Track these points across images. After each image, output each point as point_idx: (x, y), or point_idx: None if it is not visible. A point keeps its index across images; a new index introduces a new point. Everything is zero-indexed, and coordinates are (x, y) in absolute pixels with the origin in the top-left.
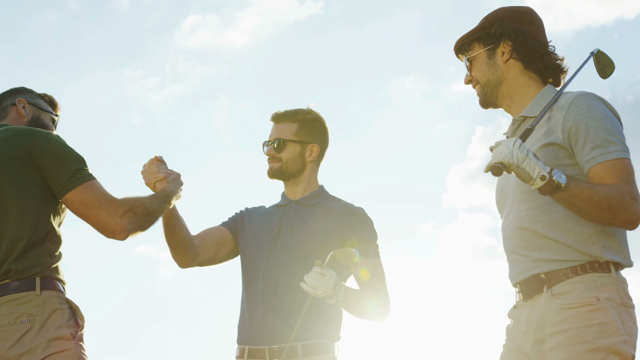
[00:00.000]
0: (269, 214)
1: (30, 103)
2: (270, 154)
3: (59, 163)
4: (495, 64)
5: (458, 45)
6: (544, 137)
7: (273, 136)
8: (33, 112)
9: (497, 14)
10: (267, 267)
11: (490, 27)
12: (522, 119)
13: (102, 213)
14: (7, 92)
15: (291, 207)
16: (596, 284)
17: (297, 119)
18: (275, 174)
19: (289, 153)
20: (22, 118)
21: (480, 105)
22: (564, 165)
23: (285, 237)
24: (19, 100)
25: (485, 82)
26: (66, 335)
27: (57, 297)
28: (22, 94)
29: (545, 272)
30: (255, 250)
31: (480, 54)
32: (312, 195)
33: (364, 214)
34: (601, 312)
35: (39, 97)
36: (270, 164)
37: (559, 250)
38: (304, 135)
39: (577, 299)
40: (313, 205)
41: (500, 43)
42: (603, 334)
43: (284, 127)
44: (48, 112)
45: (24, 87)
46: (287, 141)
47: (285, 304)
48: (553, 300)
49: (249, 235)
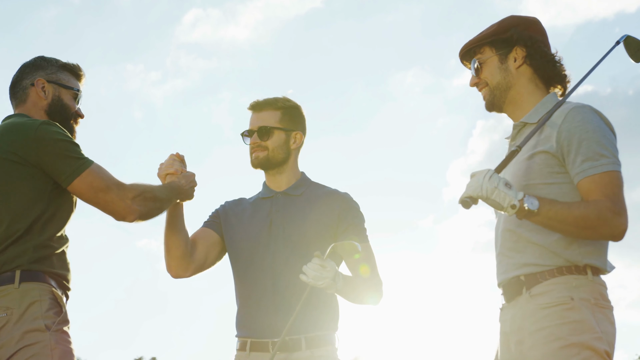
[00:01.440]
0: (256, 207)
1: (51, 81)
2: (255, 142)
3: (58, 153)
4: (507, 69)
5: (468, 48)
6: (540, 144)
7: (256, 124)
8: (53, 92)
9: (511, 20)
10: (264, 261)
11: (504, 32)
12: (522, 125)
13: (112, 197)
14: (26, 66)
15: (278, 198)
16: (571, 285)
17: (278, 106)
18: (262, 163)
19: (275, 141)
20: (42, 101)
21: (485, 108)
22: (556, 173)
23: (278, 230)
24: (38, 80)
25: (496, 85)
26: (40, 327)
27: (37, 289)
28: (42, 69)
29: (525, 274)
30: (249, 245)
31: (492, 57)
32: (297, 184)
33: (351, 199)
34: (575, 311)
35: (61, 70)
36: (255, 153)
37: (541, 254)
38: (288, 123)
39: (552, 299)
40: (299, 195)
41: (513, 49)
42: (577, 331)
43: (267, 115)
44: (69, 89)
45: (44, 59)
46: (272, 128)
47: (286, 296)
48: (531, 301)
49: (238, 230)
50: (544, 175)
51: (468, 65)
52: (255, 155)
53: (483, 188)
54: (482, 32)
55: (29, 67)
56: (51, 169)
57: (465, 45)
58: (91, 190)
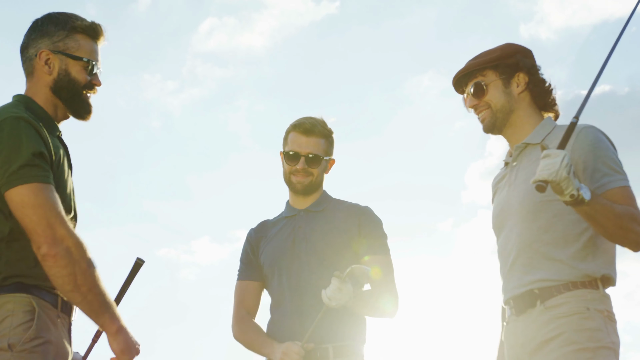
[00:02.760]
0: (280, 226)
1: (57, 51)
2: (303, 169)
3: (5, 156)
4: (510, 93)
5: (469, 70)
6: None
7: (305, 150)
8: (59, 65)
9: (512, 47)
10: (290, 275)
11: (508, 58)
12: (524, 146)
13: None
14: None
15: (300, 216)
16: (586, 298)
17: (323, 134)
18: (307, 189)
19: (320, 168)
20: (46, 77)
21: (484, 131)
22: None
23: (301, 245)
24: (42, 52)
25: (500, 108)
26: (4, 345)
27: (12, 302)
28: (47, 36)
29: (539, 287)
30: (276, 262)
31: (496, 81)
32: (318, 201)
33: (371, 212)
34: (591, 320)
35: (71, 34)
36: (299, 179)
37: (557, 269)
38: (329, 150)
39: (569, 309)
40: (321, 211)
41: (515, 75)
42: (593, 338)
43: (315, 142)
44: (79, 60)
45: (51, 20)
46: (322, 158)
47: (313, 307)
48: (546, 312)
49: (266, 251)
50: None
51: (461, 89)
52: (298, 181)
53: (559, 174)
54: (481, 56)
55: (36, 32)
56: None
57: (466, 68)
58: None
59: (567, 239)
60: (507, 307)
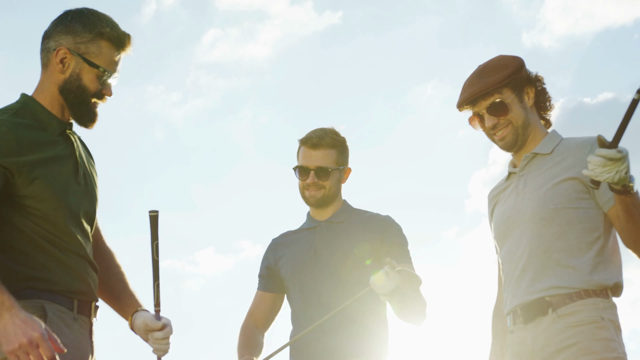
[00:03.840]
0: (301, 238)
1: (75, 52)
2: (313, 182)
3: None
4: (526, 108)
5: (488, 89)
6: (563, 171)
7: (313, 163)
8: (74, 67)
9: (518, 61)
10: (310, 288)
11: (518, 72)
12: (533, 155)
13: None
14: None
15: (321, 227)
16: (599, 307)
17: (334, 144)
18: (319, 203)
19: (332, 180)
20: (58, 75)
21: (505, 149)
22: (582, 199)
23: (322, 257)
24: (60, 50)
25: (521, 124)
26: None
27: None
28: (72, 34)
29: (550, 295)
30: (296, 274)
31: (514, 98)
32: (339, 212)
33: (392, 221)
34: (605, 330)
35: (97, 38)
36: (311, 192)
37: (570, 276)
38: (341, 160)
39: (584, 318)
40: (341, 222)
41: (524, 88)
42: (609, 348)
43: (323, 155)
44: (94, 67)
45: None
46: (332, 170)
47: (334, 323)
48: (559, 321)
49: (287, 263)
50: (572, 200)
51: (470, 108)
52: (310, 195)
53: (616, 177)
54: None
55: (62, 25)
56: None
57: (482, 88)
58: None
59: (580, 246)
60: (511, 315)
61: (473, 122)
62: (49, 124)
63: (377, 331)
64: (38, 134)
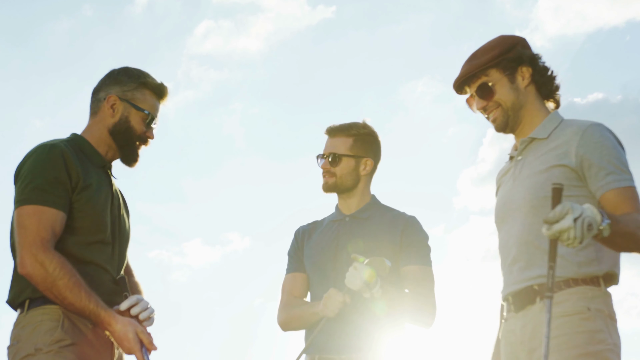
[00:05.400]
0: (326, 230)
1: (124, 99)
2: (325, 168)
3: (24, 176)
4: (517, 88)
5: (472, 72)
6: (555, 159)
7: (328, 150)
8: (123, 111)
9: (511, 40)
10: (329, 282)
11: (508, 52)
12: (530, 140)
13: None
14: (109, 75)
15: (345, 221)
16: (587, 296)
17: (351, 133)
18: (330, 188)
19: (344, 168)
20: (109, 119)
21: (497, 130)
22: (574, 186)
23: (343, 252)
24: (110, 97)
25: (510, 106)
26: (31, 351)
27: (41, 313)
28: (119, 84)
29: (539, 284)
30: (317, 267)
31: (502, 79)
32: (365, 207)
33: (416, 222)
34: (591, 321)
35: (140, 87)
36: (325, 179)
37: (558, 265)
38: (359, 150)
39: (569, 308)
40: (367, 218)
41: (518, 68)
42: (593, 340)
43: (338, 142)
44: (140, 111)
45: (127, 72)
46: (342, 156)
47: (353, 316)
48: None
49: (310, 254)
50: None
51: (465, 91)
52: (325, 181)
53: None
54: (480, 55)
55: (110, 79)
56: None
57: (467, 70)
58: (16, 224)
59: None
60: (505, 303)
61: (470, 103)
62: (92, 157)
63: (368, 328)
64: (84, 163)
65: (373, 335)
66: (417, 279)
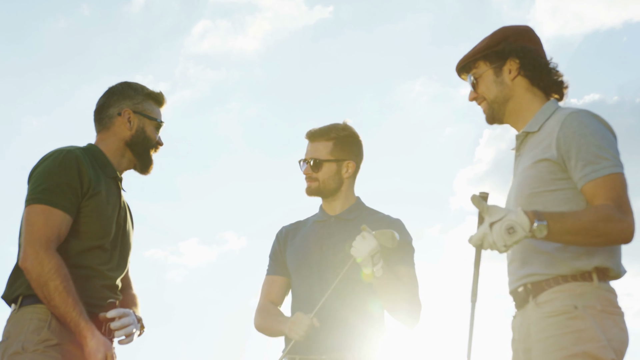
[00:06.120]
0: (310, 231)
1: (137, 112)
2: (308, 173)
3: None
4: (502, 82)
5: (462, 64)
6: (541, 152)
7: (309, 155)
8: (138, 123)
9: (502, 32)
10: (313, 282)
11: (496, 45)
12: (524, 135)
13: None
14: (113, 92)
15: (331, 222)
16: (575, 293)
17: (331, 136)
18: (313, 193)
19: (326, 173)
20: (126, 132)
21: (486, 122)
22: (559, 179)
23: (328, 252)
24: (125, 111)
25: (493, 99)
26: (18, 349)
27: (30, 312)
28: (129, 99)
29: (531, 282)
30: (301, 267)
31: (487, 71)
32: (350, 209)
33: (401, 224)
34: (578, 320)
35: (146, 99)
36: (308, 184)
37: (547, 262)
38: (340, 153)
39: (556, 307)
40: (352, 220)
41: (507, 61)
42: (580, 340)
43: (319, 146)
44: (153, 120)
45: (130, 87)
46: (323, 161)
47: (337, 318)
48: (537, 310)
49: (293, 253)
50: (547, 182)
51: (466, 78)
52: (307, 186)
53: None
54: (476, 46)
55: (116, 95)
56: None
57: (460, 61)
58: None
59: None
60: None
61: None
62: (105, 167)
63: (359, 327)
64: (96, 171)
65: (356, 336)
66: (406, 279)
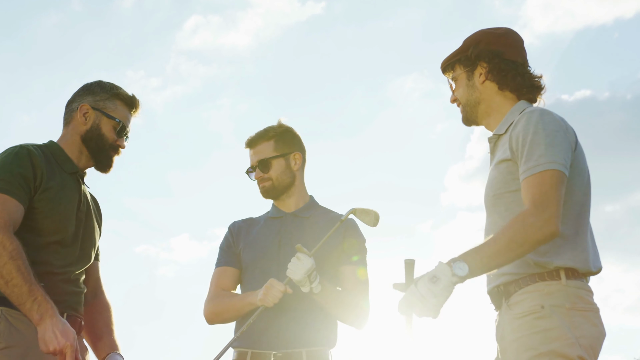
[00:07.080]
0: (266, 226)
1: (96, 108)
2: (259, 176)
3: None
4: (473, 85)
5: (443, 66)
6: (502, 153)
7: (254, 160)
8: (94, 119)
9: (475, 37)
10: (270, 276)
11: (468, 49)
12: (496, 137)
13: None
14: (82, 88)
15: (287, 219)
16: (543, 292)
17: (270, 136)
18: (269, 192)
19: (276, 169)
20: (81, 126)
21: (462, 123)
22: (517, 179)
23: (287, 248)
24: (83, 105)
25: (465, 102)
26: None
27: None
28: (92, 95)
29: (503, 283)
30: (257, 261)
31: (461, 75)
32: (305, 207)
33: (355, 224)
34: (545, 319)
35: (112, 98)
36: (262, 185)
37: (519, 263)
38: (283, 148)
39: (525, 308)
40: (308, 218)
41: (477, 65)
42: (546, 339)
43: (261, 148)
44: (111, 119)
45: (100, 84)
46: (270, 159)
47: (290, 312)
48: (509, 311)
49: (248, 248)
50: (508, 183)
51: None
52: (262, 187)
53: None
54: (456, 49)
55: (83, 90)
56: None
57: (441, 63)
58: None
59: None
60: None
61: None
62: (63, 163)
63: (312, 323)
64: (52, 166)
65: (309, 332)
66: (354, 279)
